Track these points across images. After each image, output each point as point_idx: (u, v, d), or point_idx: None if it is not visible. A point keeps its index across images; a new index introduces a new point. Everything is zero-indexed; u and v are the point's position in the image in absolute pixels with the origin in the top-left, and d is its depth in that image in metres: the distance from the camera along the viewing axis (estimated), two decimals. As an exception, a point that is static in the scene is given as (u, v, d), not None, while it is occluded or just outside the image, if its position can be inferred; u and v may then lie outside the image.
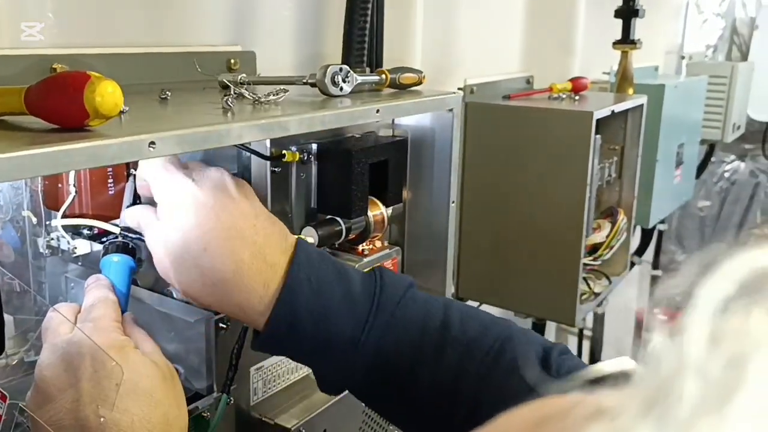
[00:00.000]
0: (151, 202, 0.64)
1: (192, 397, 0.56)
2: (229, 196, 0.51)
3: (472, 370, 0.49)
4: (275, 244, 0.51)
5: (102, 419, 0.40)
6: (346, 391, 0.66)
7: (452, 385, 0.49)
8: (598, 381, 0.22)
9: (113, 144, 0.36)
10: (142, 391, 0.43)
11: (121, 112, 0.45)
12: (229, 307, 0.51)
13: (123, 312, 0.52)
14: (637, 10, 1.34)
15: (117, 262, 0.56)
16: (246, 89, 0.57)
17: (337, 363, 0.51)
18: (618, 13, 1.37)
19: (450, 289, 0.74)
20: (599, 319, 1.79)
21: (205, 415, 0.56)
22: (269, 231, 0.51)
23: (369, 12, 0.85)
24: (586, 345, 1.85)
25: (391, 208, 0.69)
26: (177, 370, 0.57)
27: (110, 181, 0.62)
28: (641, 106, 1.20)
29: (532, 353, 0.49)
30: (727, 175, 2.99)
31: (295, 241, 0.52)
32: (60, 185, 0.60)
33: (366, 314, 0.50)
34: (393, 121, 0.71)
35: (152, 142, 0.38)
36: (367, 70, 0.87)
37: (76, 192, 0.60)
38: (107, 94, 0.37)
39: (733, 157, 2.96)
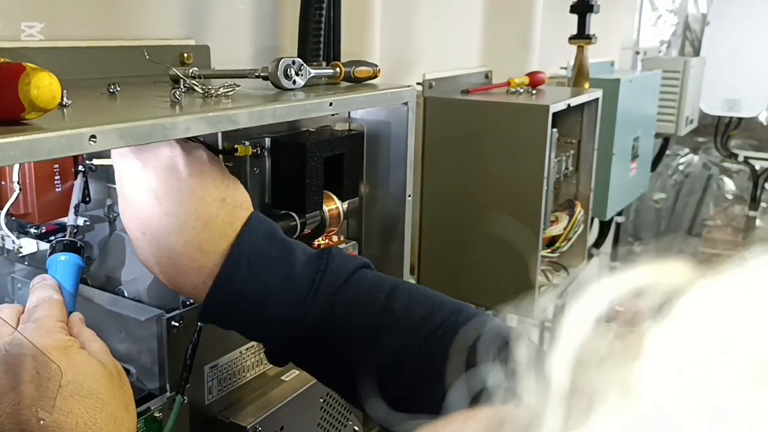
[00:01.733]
0: (102, 202, 0.62)
1: (144, 397, 0.55)
2: (177, 178, 0.51)
3: (411, 353, 0.50)
4: (216, 229, 0.51)
5: (42, 422, 0.39)
6: (305, 388, 0.65)
7: (389, 367, 0.50)
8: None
9: (51, 137, 0.35)
10: (86, 392, 0.42)
11: (63, 105, 0.44)
12: (177, 288, 0.53)
13: (70, 312, 0.51)
14: (592, 5, 1.37)
15: (64, 261, 0.54)
16: (197, 83, 0.56)
17: (277, 341, 0.52)
18: (573, 9, 1.39)
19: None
20: (559, 311, 1.82)
21: (158, 415, 0.54)
22: (213, 215, 0.51)
23: (324, 6, 0.85)
24: (548, 336, 1.88)
25: (347, 202, 0.69)
26: (128, 371, 0.56)
27: (57, 178, 0.60)
28: (596, 99, 1.22)
29: (489, 342, 0.49)
30: (681, 167, 3.07)
31: (244, 223, 0.52)
32: (3, 182, 0.58)
33: (304, 297, 0.51)
34: (349, 114, 0.71)
35: (93, 136, 0.37)
36: (324, 64, 0.87)
37: (20, 189, 0.58)
38: (44, 86, 0.36)
39: (686, 150, 3.04)
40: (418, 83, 1.16)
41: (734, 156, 2.75)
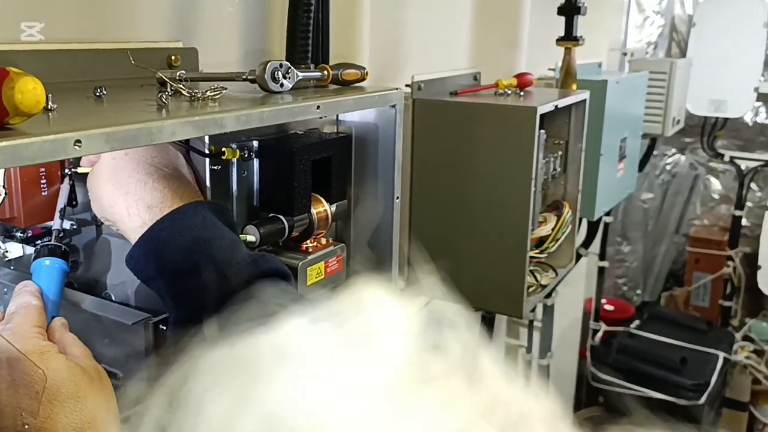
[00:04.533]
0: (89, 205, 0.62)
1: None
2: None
3: None
4: (154, 198, 0.55)
5: (26, 427, 0.39)
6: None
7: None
8: None
9: (34, 142, 0.35)
10: (65, 396, 0.42)
11: (48, 109, 0.43)
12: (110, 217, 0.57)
13: (53, 317, 0.50)
14: (579, 7, 1.37)
15: (48, 265, 0.54)
16: (184, 86, 0.56)
17: (196, 299, 0.53)
18: (561, 11, 1.39)
19: (399, 284, 0.75)
20: (548, 310, 1.83)
21: (146, 419, 0.54)
22: (161, 186, 0.55)
23: (312, 8, 0.84)
24: (537, 336, 1.88)
25: (335, 204, 0.69)
26: (115, 375, 0.56)
27: (43, 182, 0.60)
28: (584, 101, 1.23)
29: None
30: (668, 167, 3.09)
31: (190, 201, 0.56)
32: (-12, 186, 0.58)
33: (243, 258, 0.53)
34: (337, 117, 0.71)
35: (78, 141, 0.37)
36: (312, 66, 0.86)
37: (6, 193, 0.58)
38: (27, 90, 0.36)
39: (673, 150, 3.06)
40: (406, 85, 1.16)
41: (720, 156, 2.78)
